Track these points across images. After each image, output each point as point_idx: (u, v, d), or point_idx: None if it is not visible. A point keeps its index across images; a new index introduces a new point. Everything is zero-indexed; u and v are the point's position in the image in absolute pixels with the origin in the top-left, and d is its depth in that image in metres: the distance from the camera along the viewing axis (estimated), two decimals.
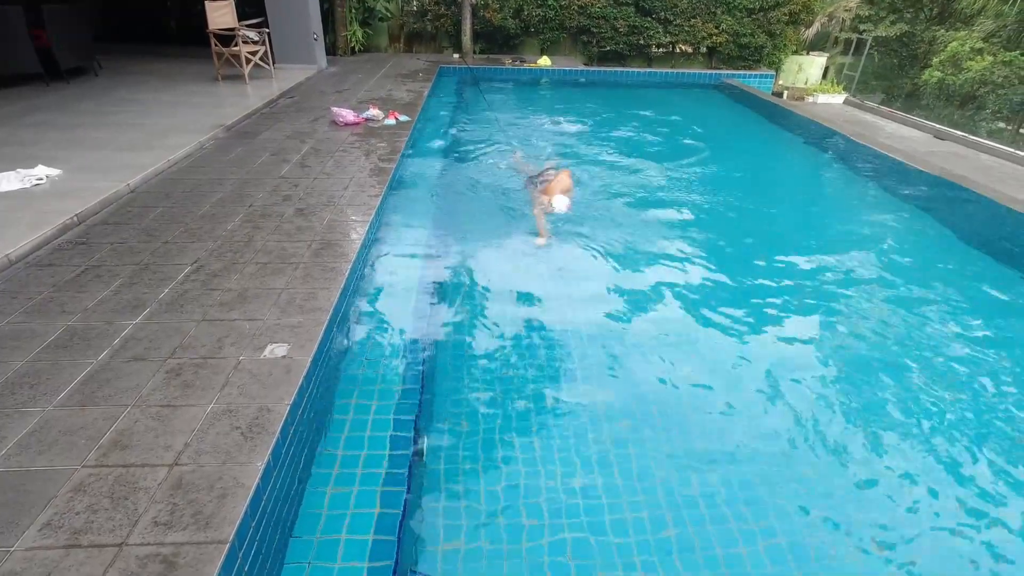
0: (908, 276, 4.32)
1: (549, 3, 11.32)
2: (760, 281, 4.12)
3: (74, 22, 7.37)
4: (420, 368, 2.99)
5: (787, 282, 4.14)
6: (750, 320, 3.68)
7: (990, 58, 11.16)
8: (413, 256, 4.13)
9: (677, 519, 2.27)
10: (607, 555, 2.12)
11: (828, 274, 4.27)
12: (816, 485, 2.49)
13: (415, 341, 3.21)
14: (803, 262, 4.45)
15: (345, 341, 3.06)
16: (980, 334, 3.62)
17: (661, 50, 11.96)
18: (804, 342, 3.48)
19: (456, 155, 6.52)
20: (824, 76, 11.75)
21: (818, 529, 2.29)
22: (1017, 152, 6.74)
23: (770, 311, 3.81)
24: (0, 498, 1.76)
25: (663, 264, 4.24)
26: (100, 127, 5.58)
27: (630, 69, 11.54)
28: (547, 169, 5.36)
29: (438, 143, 6.86)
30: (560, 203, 4.63)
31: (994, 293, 4.13)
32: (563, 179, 5.01)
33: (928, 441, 2.74)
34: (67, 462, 1.90)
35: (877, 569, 2.15)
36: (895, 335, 3.57)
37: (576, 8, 11.39)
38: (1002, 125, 11.33)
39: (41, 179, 4.13)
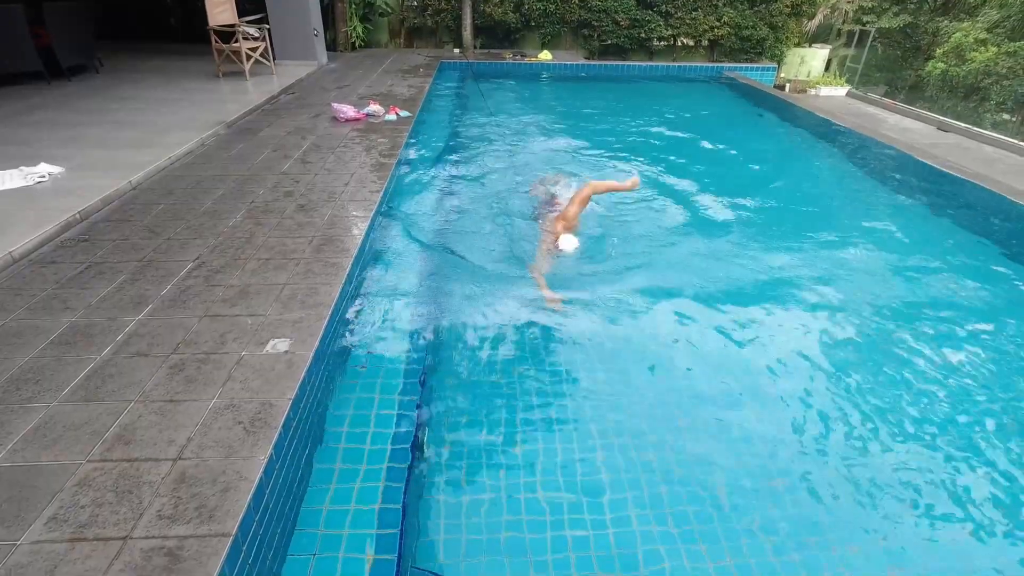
0: (912, 269, 4.31)
1: None
2: (761, 276, 4.11)
3: (75, 20, 7.37)
4: (422, 362, 3.00)
5: (789, 276, 4.13)
6: (751, 318, 3.66)
7: (994, 49, 11.08)
8: (414, 250, 4.13)
9: (679, 516, 2.27)
10: (607, 550, 2.12)
11: (831, 268, 4.25)
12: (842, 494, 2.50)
13: (417, 335, 3.21)
14: (806, 256, 4.44)
15: (347, 335, 3.07)
16: (984, 326, 3.61)
17: (662, 43, 11.89)
18: (807, 338, 3.47)
19: (457, 150, 6.51)
20: (827, 68, 11.70)
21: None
22: (1021, 144, 6.70)
23: (769, 307, 3.80)
24: (6, 492, 1.78)
25: (661, 262, 4.23)
26: (102, 124, 5.59)
27: (631, 63, 11.48)
28: (556, 193, 4.83)
29: (439, 138, 6.84)
30: (568, 243, 4.04)
31: (997, 286, 4.12)
32: (585, 195, 4.23)
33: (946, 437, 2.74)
34: (72, 457, 1.91)
35: None
36: (901, 327, 3.57)
37: (577, 2, 11.34)
38: (1006, 117, 11.26)
39: (44, 177, 4.15)
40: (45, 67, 7.03)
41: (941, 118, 8.17)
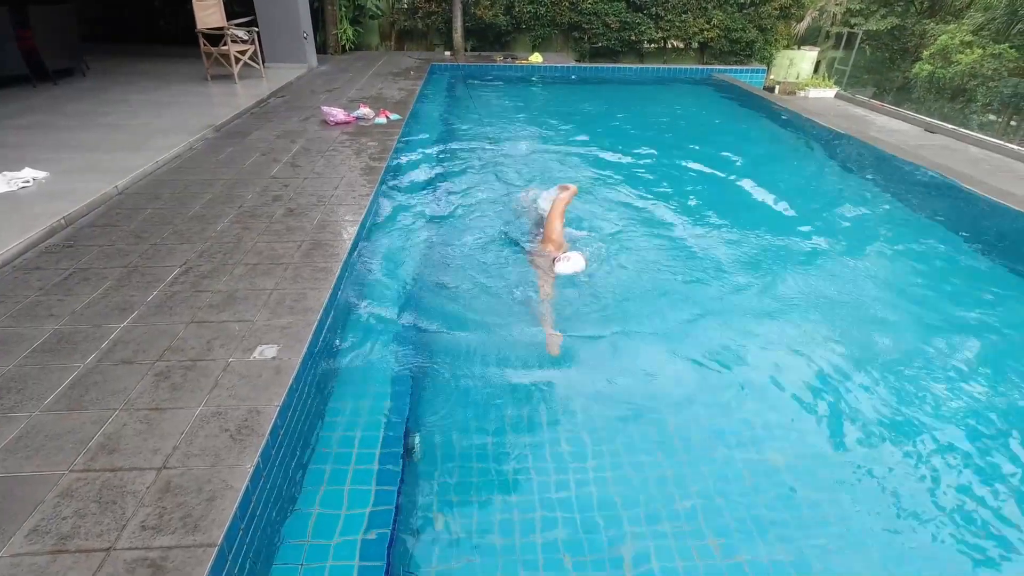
0: (900, 270, 4.35)
1: None
2: (751, 277, 4.13)
3: (61, 22, 7.30)
4: (411, 367, 2.99)
5: (778, 276, 4.15)
6: (743, 320, 3.68)
7: (980, 51, 11.22)
8: (405, 254, 4.11)
9: (671, 514, 2.27)
10: (600, 552, 2.12)
11: (820, 269, 4.28)
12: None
13: (406, 339, 3.19)
14: (796, 257, 4.46)
15: (336, 341, 3.05)
16: (970, 325, 3.64)
17: (653, 46, 11.96)
18: (794, 340, 3.49)
19: (447, 153, 6.50)
20: (815, 70, 11.80)
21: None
22: (1006, 145, 6.78)
23: (761, 309, 3.82)
24: None
25: (655, 261, 4.24)
26: (88, 128, 5.54)
27: (622, 65, 11.53)
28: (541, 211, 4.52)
29: (429, 141, 6.82)
30: (567, 266, 3.68)
31: (983, 286, 4.16)
32: (559, 209, 3.99)
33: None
34: (54, 467, 1.88)
35: None
36: (894, 328, 3.59)
37: (567, 4, 11.38)
38: (992, 117, 11.41)
39: (28, 182, 4.10)
40: (30, 70, 6.95)
41: (928, 119, 8.24)
